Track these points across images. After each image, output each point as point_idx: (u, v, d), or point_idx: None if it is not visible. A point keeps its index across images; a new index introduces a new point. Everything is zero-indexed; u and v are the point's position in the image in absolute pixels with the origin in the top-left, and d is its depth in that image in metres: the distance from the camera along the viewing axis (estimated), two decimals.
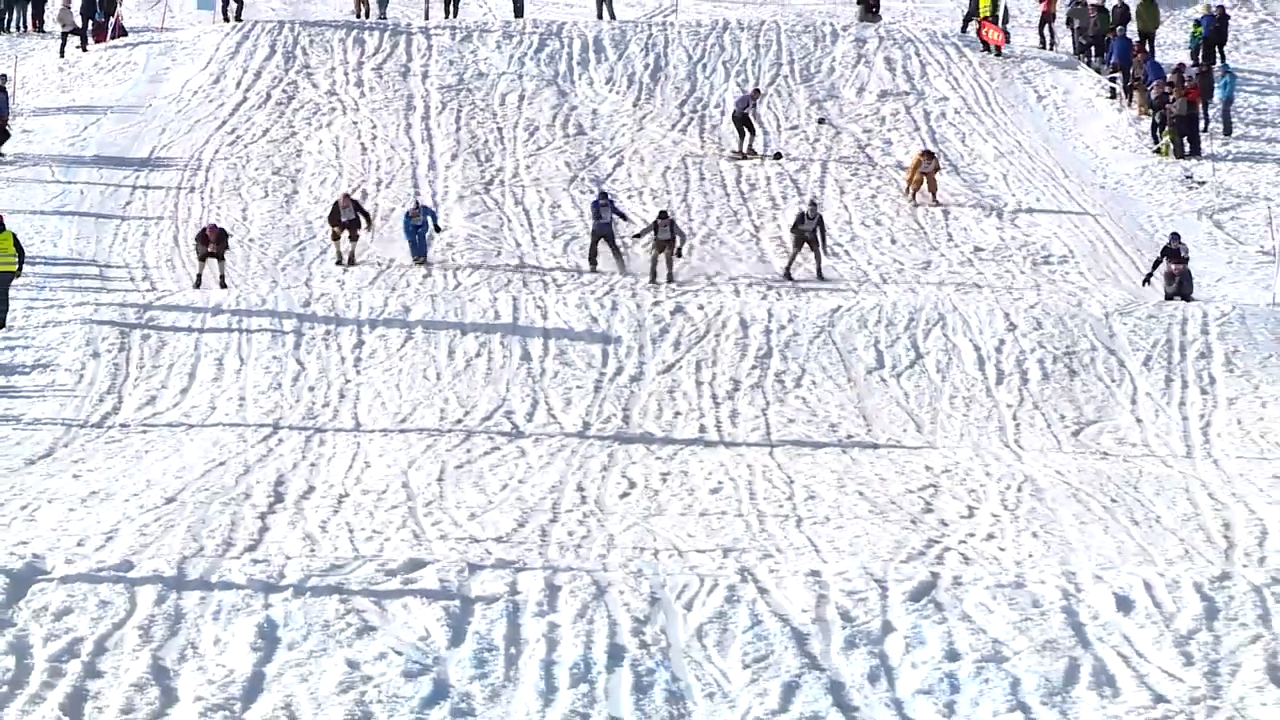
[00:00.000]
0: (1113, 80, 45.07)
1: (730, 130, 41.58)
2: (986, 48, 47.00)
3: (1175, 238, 34.28)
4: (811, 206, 35.46)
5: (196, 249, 33.77)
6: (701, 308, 31.48)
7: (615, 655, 15.01)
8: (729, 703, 14.40)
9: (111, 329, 30.29)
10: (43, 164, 40.14)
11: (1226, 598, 16.27)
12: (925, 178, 38.70)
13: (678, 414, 27.67)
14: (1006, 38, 47.29)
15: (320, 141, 41.31)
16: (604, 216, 35.06)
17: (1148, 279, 33.81)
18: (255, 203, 38.20)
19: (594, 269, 34.78)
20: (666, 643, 15.29)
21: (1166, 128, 41.85)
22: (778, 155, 40.91)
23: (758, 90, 42.39)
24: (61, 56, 47.48)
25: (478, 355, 29.65)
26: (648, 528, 21.14)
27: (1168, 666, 15.07)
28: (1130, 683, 14.78)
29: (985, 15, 47.35)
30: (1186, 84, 42.14)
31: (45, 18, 50.63)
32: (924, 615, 15.80)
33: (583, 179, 39.52)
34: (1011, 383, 29.08)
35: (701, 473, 24.12)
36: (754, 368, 29.45)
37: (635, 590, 16.20)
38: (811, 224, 34.73)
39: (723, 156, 40.95)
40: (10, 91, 42.48)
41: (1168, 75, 42.67)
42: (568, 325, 30.69)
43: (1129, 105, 44.14)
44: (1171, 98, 41.85)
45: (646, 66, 45.38)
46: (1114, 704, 14.45)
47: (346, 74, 44.91)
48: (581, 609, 15.80)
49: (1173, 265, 33.53)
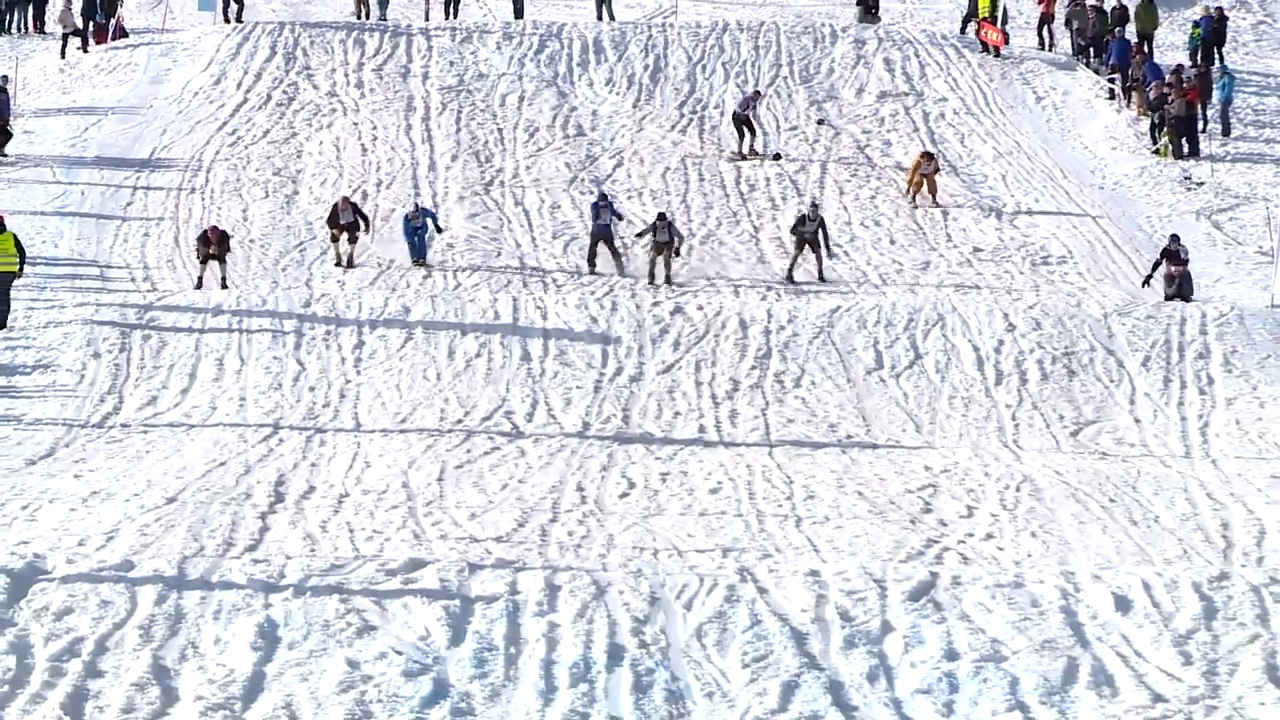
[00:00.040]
0: (1111, 81, 45.08)
1: (730, 131, 41.61)
2: (985, 49, 47.01)
3: (1175, 239, 34.29)
4: (813, 208, 35.43)
5: (198, 251, 33.75)
6: (701, 308, 31.49)
7: (615, 655, 15.01)
8: (728, 702, 14.41)
9: (112, 329, 30.31)
10: (44, 165, 40.16)
11: (1225, 597, 16.27)
12: (925, 179, 38.71)
13: (677, 414, 27.68)
14: (1005, 39, 47.30)
15: (321, 142, 41.33)
16: (603, 218, 35.03)
17: (1147, 281, 33.82)
18: (256, 203, 38.23)
19: (593, 271, 34.79)
20: (666, 642, 15.30)
21: (1165, 128, 41.87)
22: (777, 156, 40.92)
23: (758, 92, 42.40)
24: (62, 58, 47.49)
25: (478, 356, 29.67)
26: (647, 528, 21.15)
27: (1166, 666, 15.08)
28: (1129, 682, 14.78)
29: (984, 16, 47.37)
30: (1185, 85, 42.16)
31: (46, 19, 50.63)
32: (923, 615, 15.81)
33: (582, 180, 39.54)
34: (1010, 383, 29.09)
35: (701, 473, 24.13)
36: (753, 368, 29.46)
37: (635, 590, 16.21)
38: (813, 226, 34.69)
39: (722, 157, 40.97)
40: (11, 92, 42.52)
41: (1166, 76, 42.69)
42: (567, 326, 30.71)
43: (1128, 106, 44.15)
44: (1170, 99, 41.88)
45: (646, 67, 45.39)
46: (1112, 703, 14.46)
47: (347, 75, 44.93)
48: (581, 609, 15.81)
49: (1172, 267, 33.54)
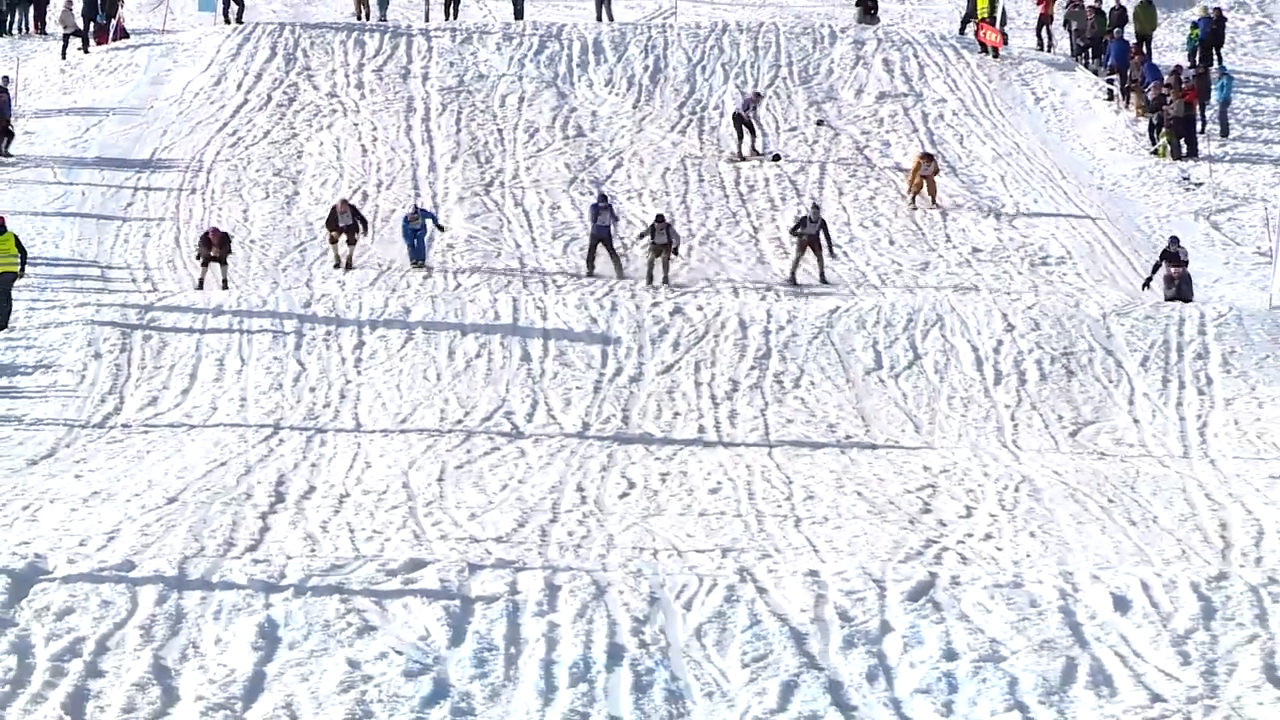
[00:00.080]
0: (1110, 82, 45.12)
1: (730, 132, 41.64)
2: (984, 49, 47.04)
3: (1174, 241, 34.33)
4: (814, 209, 35.44)
5: (200, 252, 33.77)
6: (700, 309, 31.52)
7: (615, 655, 15.02)
8: (728, 702, 14.43)
9: (113, 330, 30.35)
10: (45, 165, 40.21)
11: (1223, 597, 16.27)
12: (925, 181, 38.72)
13: (677, 414, 27.71)
14: (1004, 39, 47.33)
15: (321, 143, 41.37)
16: (602, 220, 35.01)
17: (1148, 283, 33.84)
18: (256, 204, 38.27)
19: (591, 273, 34.78)
20: (666, 642, 15.31)
21: (1164, 129, 41.92)
22: (776, 157, 40.95)
23: (759, 94, 42.42)
24: (63, 58, 47.52)
25: (478, 356, 29.70)
26: (647, 528, 21.16)
27: (1165, 666, 15.08)
28: (1127, 682, 14.79)
29: (983, 17, 47.41)
30: (1184, 86, 42.22)
31: (47, 20, 50.65)
32: (922, 615, 15.81)
33: (582, 180, 39.58)
34: (1009, 383, 29.13)
35: (700, 473, 24.15)
36: (753, 368, 29.49)
37: (635, 590, 16.22)
38: (814, 227, 34.68)
39: (722, 158, 41.00)
40: (12, 93, 42.57)
41: (1165, 77, 42.74)
42: (567, 326, 30.74)
43: (1126, 107, 44.19)
44: (1169, 99, 41.94)
45: (646, 68, 45.43)
46: (1111, 703, 14.46)
47: (347, 76, 44.96)
48: (581, 609, 15.82)
49: (1172, 269, 33.58)
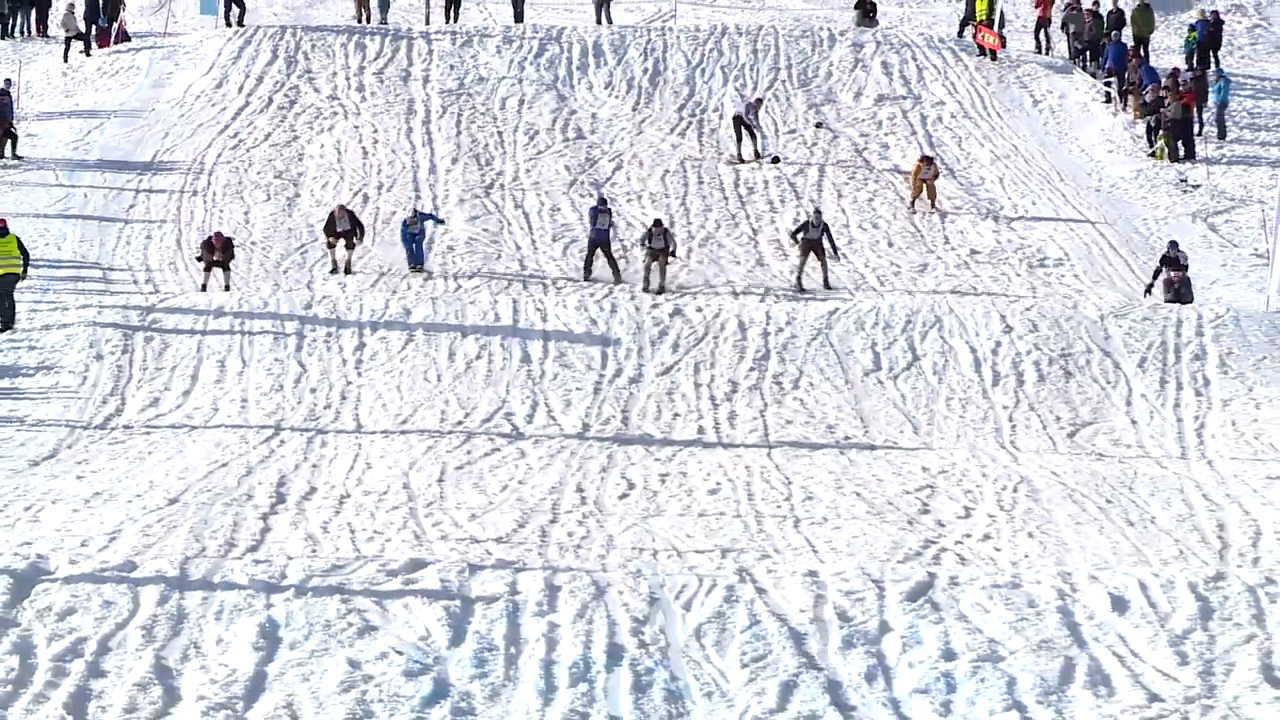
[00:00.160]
0: (1108, 84, 45.14)
1: (729, 134, 41.67)
2: (982, 52, 47.07)
3: (1174, 246, 34.36)
4: (815, 214, 35.40)
5: (203, 257, 33.79)
6: (700, 310, 31.56)
7: (614, 655, 15.07)
8: (727, 702, 14.47)
9: (115, 331, 30.39)
10: (47, 168, 40.25)
11: (1221, 598, 16.32)
12: (925, 184, 38.73)
13: (676, 415, 27.75)
14: (1002, 42, 47.37)
15: (322, 145, 41.41)
16: (601, 223, 34.94)
17: (1149, 289, 33.84)
18: (257, 206, 38.31)
19: (588, 278, 34.71)
20: (665, 642, 15.35)
21: (1161, 132, 41.96)
22: (775, 159, 40.99)
23: (760, 99, 42.42)
24: (65, 61, 47.52)
25: (478, 357, 29.75)
26: (647, 528, 21.19)
27: (1163, 666, 15.12)
28: (1125, 682, 14.83)
29: (981, 20, 47.45)
30: (1181, 88, 42.25)
31: (49, 23, 50.67)
32: (921, 615, 15.86)
33: (582, 183, 39.61)
34: (1008, 384, 29.17)
35: (700, 474, 24.19)
36: (752, 370, 29.53)
37: (634, 590, 16.26)
38: (816, 232, 34.66)
39: (721, 160, 41.05)
40: (14, 96, 42.61)
41: (1162, 80, 42.76)
42: (567, 327, 30.78)
43: (1124, 109, 44.22)
44: (1166, 102, 41.98)
45: (645, 71, 45.46)
46: (1109, 703, 14.50)
47: (348, 79, 45.00)
48: (581, 609, 15.86)
49: (1172, 273, 33.64)
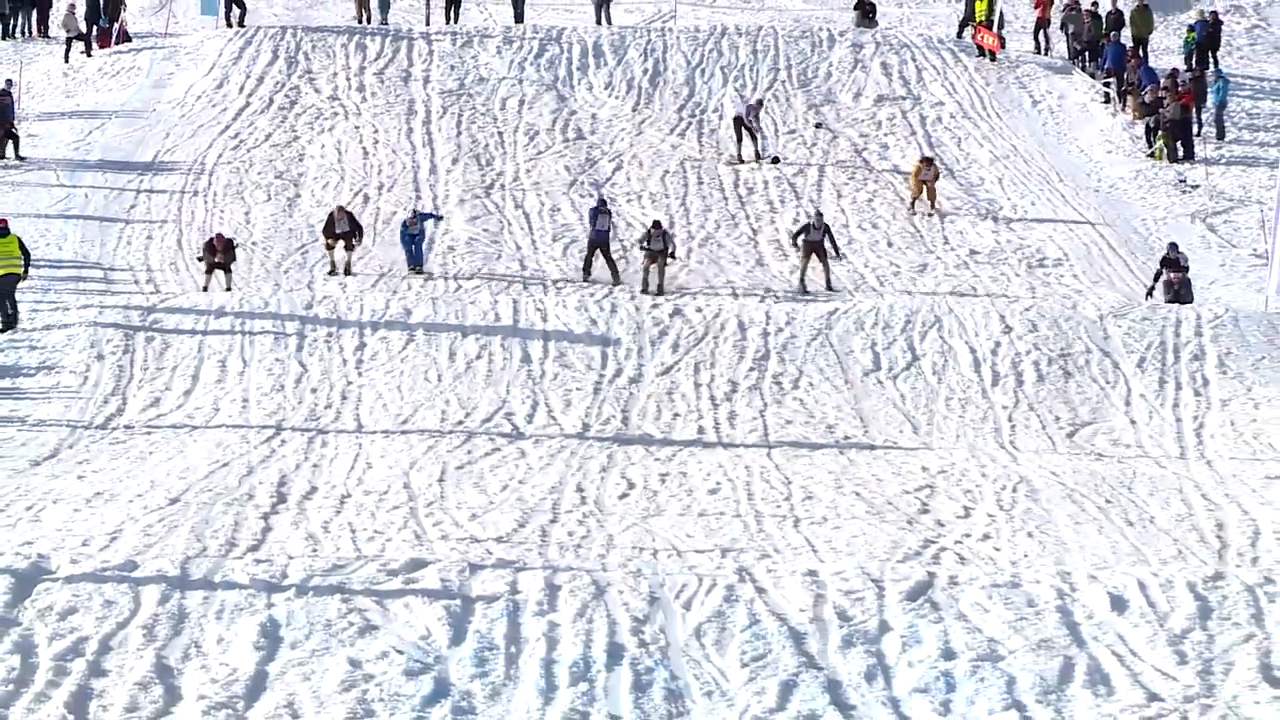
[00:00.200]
0: (1107, 85, 45.17)
1: (729, 134, 41.71)
2: (982, 53, 47.10)
3: (1173, 248, 34.39)
4: (817, 216, 35.39)
5: (205, 258, 33.81)
6: (700, 310, 31.59)
7: (614, 654, 15.07)
8: (727, 701, 14.48)
9: (116, 331, 30.41)
10: (48, 168, 40.29)
11: (1220, 597, 16.32)
12: (925, 185, 38.75)
13: (676, 415, 27.77)
14: (1002, 43, 47.40)
15: (322, 146, 41.44)
16: (601, 224, 34.95)
17: (1150, 292, 33.87)
18: (258, 206, 38.35)
19: (588, 279, 34.72)
20: (665, 642, 15.35)
21: (1160, 132, 41.99)
22: (775, 159, 41.03)
23: (760, 101, 42.45)
24: (66, 62, 47.56)
25: (478, 357, 29.78)
26: (647, 528, 21.21)
27: (1162, 665, 15.12)
28: (1124, 681, 14.83)
29: (980, 20, 47.48)
30: (1180, 89, 42.28)
31: (50, 23, 50.70)
32: (920, 614, 15.86)
33: (582, 183, 39.64)
34: (1007, 384, 29.19)
35: (700, 473, 24.21)
36: (752, 369, 29.56)
37: (634, 590, 16.27)
38: (817, 234, 34.68)
39: (721, 161, 41.08)
40: (16, 96, 42.64)
41: (1161, 80, 42.80)
42: (567, 328, 30.81)
43: (1123, 110, 44.26)
44: (1165, 102, 42.01)
45: (645, 71, 45.49)
46: (1108, 702, 14.50)
47: (348, 79, 45.03)
48: (581, 608, 15.87)
49: (1172, 274, 33.68)
